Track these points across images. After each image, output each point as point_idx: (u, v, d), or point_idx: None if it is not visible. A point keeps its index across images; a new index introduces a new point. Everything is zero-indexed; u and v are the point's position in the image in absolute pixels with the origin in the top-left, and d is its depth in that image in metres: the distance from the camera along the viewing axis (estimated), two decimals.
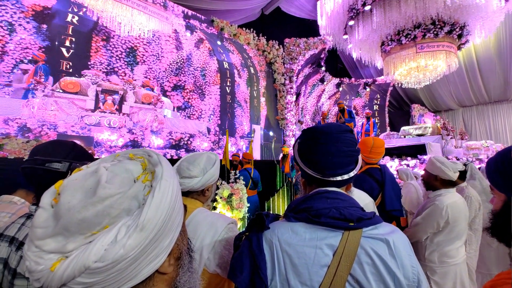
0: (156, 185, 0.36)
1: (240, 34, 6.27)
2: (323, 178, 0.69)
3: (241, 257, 0.65)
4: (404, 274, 0.58)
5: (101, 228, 0.32)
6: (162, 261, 0.37)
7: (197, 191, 1.00)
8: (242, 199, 3.12)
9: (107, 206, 0.33)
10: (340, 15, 7.19)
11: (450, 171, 1.62)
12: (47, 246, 0.32)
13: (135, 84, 5.34)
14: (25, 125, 4.01)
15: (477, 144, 6.74)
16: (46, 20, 4.44)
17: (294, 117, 7.42)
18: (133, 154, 0.41)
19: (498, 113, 11.65)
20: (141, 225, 0.33)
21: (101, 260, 0.30)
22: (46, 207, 0.34)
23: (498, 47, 9.14)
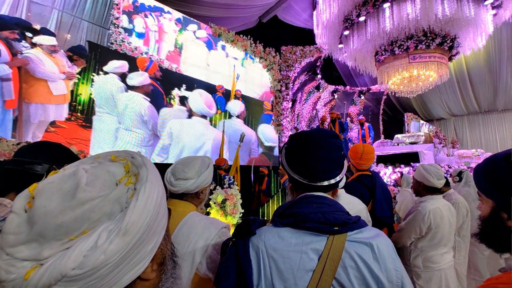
0: (141, 188, 0.35)
1: (238, 40, 6.34)
2: (309, 183, 0.70)
3: (227, 263, 0.65)
4: (387, 278, 0.59)
5: (79, 234, 0.30)
6: (144, 266, 0.35)
7: (192, 193, 1.01)
8: (236, 204, 3.10)
9: (87, 210, 0.31)
10: (336, 25, 7.36)
11: (434, 178, 1.66)
12: (20, 254, 0.29)
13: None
14: None
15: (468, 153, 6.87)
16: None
17: (290, 124, 7.48)
18: (115, 156, 0.39)
19: (489, 122, 11.93)
20: (124, 229, 0.31)
21: (79, 267, 0.29)
22: (19, 211, 0.32)
23: (487, 59, 9.44)
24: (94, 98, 4.61)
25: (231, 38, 6.20)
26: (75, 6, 4.46)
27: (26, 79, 3.96)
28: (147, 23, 5.78)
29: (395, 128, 11.12)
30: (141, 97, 5.37)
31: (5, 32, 3.82)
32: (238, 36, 6.40)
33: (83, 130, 4.41)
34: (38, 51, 4.11)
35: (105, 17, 4.76)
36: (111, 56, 4.81)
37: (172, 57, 6.14)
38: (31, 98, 4.01)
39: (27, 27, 4.05)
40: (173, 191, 0.98)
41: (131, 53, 5.08)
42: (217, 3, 6.59)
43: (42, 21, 4.16)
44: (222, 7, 6.83)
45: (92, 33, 4.62)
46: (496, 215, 0.62)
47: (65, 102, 4.31)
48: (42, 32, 4.15)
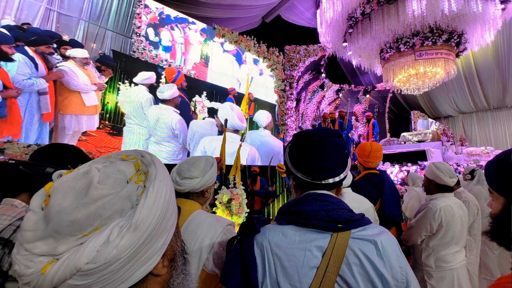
0: (150, 185, 0.36)
1: (241, 41, 6.36)
2: (312, 181, 0.71)
3: (231, 261, 0.66)
4: (392, 275, 0.59)
5: (93, 230, 0.32)
6: (155, 262, 0.37)
7: (197, 192, 1.03)
8: (241, 204, 3.11)
9: (99, 207, 0.32)
10: (340, 23, 7.31)
11: (446, 176, 1.64)
12: (37, 249, 0.31)
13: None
14: None
15: (477, 150, 6.73)
16: None
17: (295, 123, 7.45)
18: (126, 155, 0.41)
19: (498, 120, 11.67)
20: (134, 225, 0.32)
21: (93, 261, 0.30)
22: (36, 209, 0.34)
23: (496, 54, 9.23)
24: (124, 109, 4.76)
25: (235, 38, 6.22)
26: (100, 16, 4.63)
27: (60, 91, 4.14)
28: (173, 36, 5.88)
29: (401, 126, 10.97)
30: (172, 110, 5.45)
31: (42, 47, 4.01)
32: (242, 36, 6.42)
33: (111, 138, 4.55)
34: (71, 64, 4.28)
35: (127, 27, 4.95)
36: (135, 64, 4.96)
37: (198, 68, 6.21)
38: (65, 110, 4.18)
39: (59, 40, 4.24)
40: (179, 190, 1.01)
41: (152, 61, 5.24)
42: (220, 4, 6.61)
43: (70, 32, 4.33)
44: (225, 8, 6.85)
45: (115, 43, 4.79)
46: (507, 212, 0.61)
47: (96, 113, 4.48)
48: (71, 44, 4.32)
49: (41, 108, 3.96)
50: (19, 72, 3.77)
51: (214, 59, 6.40)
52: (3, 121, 3.61)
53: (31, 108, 3.88)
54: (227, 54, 6.57)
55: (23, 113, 3.78)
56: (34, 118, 3.90)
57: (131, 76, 4.88)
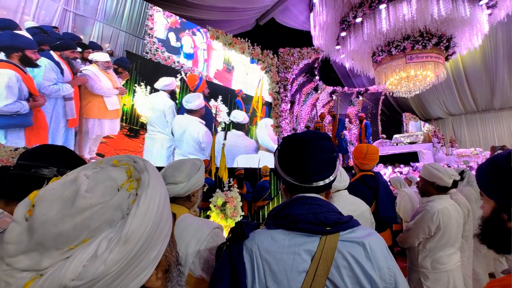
0: (142, 193, 0.34)
1: (235, 43, 6.36)
2: (301, 185, 0.70)
3: (221, 267, 0.65)
4: (380, 276, 0.58)
5: (79, 243, 0.30)
6: (149, 275, 0.34)
7: (183, 196, 1.01)
8: (236, 207, 3.08)
9: (86, 218, 0.30)
10: (333, 27, 7.40)
11: (446, 177, 1.65)
12: (20, 264, 0.29)
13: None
14: None
15: (467, 152, 6.89)
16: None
17: (289, 125, 7.48)
18: (117, 160, 0.39)
19: (486, 121, 11.99)
20: (124, 238, 0.30)
21: (79, 277, 0.27)
22: (19, 220, 0.31)
23: (483, 58, 9.50)
24: (145, 114, 4.76)
25: (229, 40, 6.21)
26: (114, 17, 4.62)
27: (84, 96, 4.13)
28: (195, 41, 5.77)
29: (393, 128, 11.14)
30: (198, 121, 5.39)
31: (66, 51, 3.99)
32: (236, 38, 6.42)
33: (129, 140, 4.54)
34: (94, 68, 4.26)
35: (139, 28, 4.94)
36: (150, 65, 4.95)
37: (220, 74, 6.10)
38: (89, 114, 4.17)
39: (79, 43, 4.22)
40: None
41: (164, 62, 5.23)
42: (214, 7, 6.61)
43: (86, 33, 4.30)
44: (219, 10, 6.85)
45: (128, 43, 4.78)
46: (497, 216, 0.61)
47: (118, 117, 4.48)
48: (91, 46, 4.29)
49: (67, 114, 3.94)
50: (45, 77, 3.73)
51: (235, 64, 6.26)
52: (30, 129, 3.57)
53: (57, 114, 3.85)
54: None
55: (49, 120, 3.75)
56: (60, 124, 3.88)
57: (146, 78, 4.86)
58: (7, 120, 3.37)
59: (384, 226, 1.75)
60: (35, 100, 3.57)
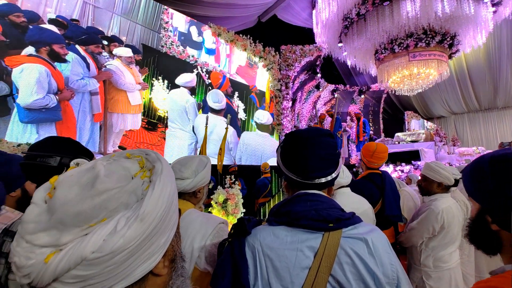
0: (156, 179, 0.36)
1: (237, 40, 6.33)
2: (303, 181, 0.70)
3: (223, 263, 0.65)
4: (383, 272, 0.59)
5: (98, 221, 0.31)
6: (157, 261, 0.36)
7: (189, 192, 1.03)
8: (237, 204, 3.09)
9: (104, 200, 0.32)
10: (335, 24, 7.34)
11: (451, 175, 1.65)
12: (39, 240, 0.30)
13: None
14: None
15: (469, 151, 6.86)
16: None
17: (290, 123, 7.46)
18: (130, 153, 0.41)
19: (489, 120, 11.93)
20: (141, 216, 0.32)
21: (99, 250, 0.29)
22: (39, 202, 0.33)
23: (487, 56, 9.43)
24: (165, 111, 4.79)
25: (231, 37, 6.19)
26: (131, 10, 4.62)
27: (109, 91, 4.17)
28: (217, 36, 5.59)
29: (395, 126, 11.10)
30: (224, 121, 5.34)
31: (91, 46, 4.00)
32: (238, 35, 6.39)
33: (148, 133, 4.60)
34: (118, 63, 4.30)
35: (154, 21, 4.94)
36: (167, 60, 4.98)
37: (242, 70, 5.97)
38: (113, 109, 4.22)
39: (105, 37, 4.23)
40: None
41: (179, 56, 5.23)
42: (216, 3, 6.57)
43: (104, 26, 4.30)
44: (221, 7, 6.81)
45: (144, 37, 4.79)
46: (482, 217, 0.61)
47: (140, 112, 4.52)
48: (113, 40, 4.31)
49: (93, 108, 3.97)
50: (73, 72, 3.76)
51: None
52: (60, 123, 3.62)
53: (84, 109, 3.89)
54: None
55: (76, 114, 3.79)
56: (86, 119, 3.92)
57: (164, 72, 4.88)
58: (37, 114, 3.42)
59: (389, 224, 1.76)
60: (63, 95, 3.63)
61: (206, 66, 5.63)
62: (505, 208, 0.54)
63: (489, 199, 0.58)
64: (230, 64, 5.99)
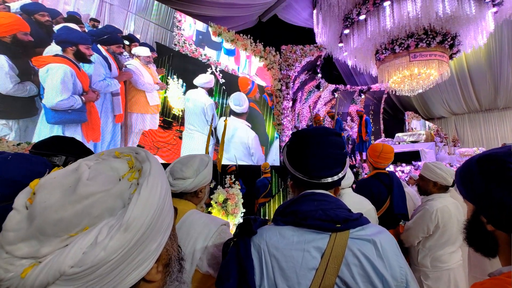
0: (143, 181, 0.33)
1: (238, 40, 6.32)
2: (309, 180, 0.69)
3: (228, 263, 0.64)
4: (392, 275, 0.58)
5: (80, 230, 0.29)
6: (149, 267, 0.34)
7: (190, 192, 1.01)
8: (237, 204, 3.08)
9: (87, 206, 0.30)
10: (336, 24, 7.34)
11: (449, 176, 1.64)
12: (19, 251, 0.28)
13: None
14: None
15: (469, 151, 6.85)
16: None
17: (291, 123, 7.45)
18: (119, 152, 0.39)
19: (489, 121, 11.91)
20: (125, 225, 0.29)
21: (78, 264, 0.27)
22: (20, 208, 0.31)
23: (488, 57, 9.41)
24: (184, 113, 4.78)
25: (231, 37, 6.18)
26: (145, 8, 4.62)
27: (128, 90, 4.16)
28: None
29: (396, 126, 11.09)
30: (246, 124, 5.24)
31: (113, 46, 3.96)
32: (238, 35, 6.39)
33: (163, 132, 4.59)
34: (137, 62, 4.26)
35: (167, 19, 4.95)
36: (182, 59, 4.97)
37: (262, 71, 5.84)
38: (132, 109, 4.20)
39: (125, 36, 4.20)
40: (171, 190, 0.98)
41: (191, 55, 5.21)
42: (216, 3, 6.56)
43: (121, 25, 4.29)
44: (221, 7, 6.80)
45: (157, 35, 4.78)
46: (476, 218, 0.61)
47: (158, 112, 4.50)
48: (134, 39, 4.30)
49: (114, 109, 3.95)
50: (95, 73, 3.73)
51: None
52: (86, 125, 3.60)
53: (106, 110, 3.86)
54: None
55: (99, 115, 3.78)
56: (108, 120, 3.89)
57: (179, 71, 4.87)
58: (63, 115, 3.40)
59: (396, 223, 1.78)
60: (88, 96, 3.60)
61: (218, 65, 5.60)
62: (497, 208, 0.54)
63: (480, 199, 0.58)
64: (250, 65, 5.90)
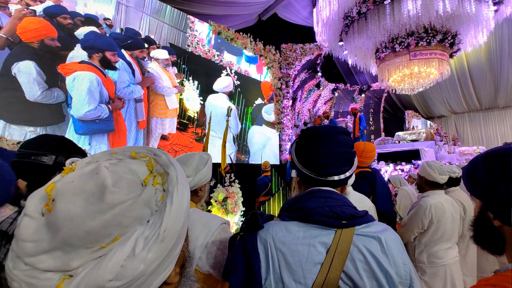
0: (174, 190, 0.32)
1: (237, 38, 6.31)
2: (317, 178, 0.70)
3: (235, 257, 0.65)
4: (396, 271, 0.59)
5: (111, 241, 0.28)
6: (170, 271, 0.34)
7: (190, 191, 1.01)
8: (237, 202, 3.09)
9: (117, 215, 0.28)
10: (336, 22, 7.31)
11: (435, 173, 1.67)
12: (42, 264, 0.26)
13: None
14: None
15: (469, 150, 6.85)
16: None
17: (290, 122, 7.45)
18: (136, 152, 0.36)
19: (490, 120, 11.90)
20: (162, 236, 0.29)
21: (117, 277, 0.26)
22: (35, 215, 0.28)
23: (488, 55, 9.39)
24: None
25: (231, 36, 6.17)
26: (159, 10, 4.61)
27: (149, 95, 4.12)
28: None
29: (396, 125, 11.08)
30: (276, 133, 5.14)
31: (136, 51, 3.89)
32: (238, 34, 6.38)
33: (180, 134, 4.55)
34: (156, 66, 4.17)
35: (180, 20, 4.96)
36: (195, 60, 4.95)
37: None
38: (152, 113, 4.14)
39: (145, 39, 4.14)
40: None
41: (205, 56, 5.19)
42: (216, 1, 6.54)
43: (136, 26, 4.26)
44: (221, 5, 6.79)
45: (170, 37, 4.77)
46: (483, 214, 0.62)
47: (176, 115, 4.44)
48: (151, 42, 4.25)
49: (137, 115, 3.88)
50: (120, 79, 3.63)
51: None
52: (112, 134, 3.52)
53: (130, 117, 3.79)
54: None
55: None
56: (132, 126, 3.82)
57: (193, 73, 4.83)
58: (91, 125, 3.31)
59: (383, 220, 1.79)
60: (115, 104, 3.52)
61: (231, 66, 5.55)
62: (503, 202, 0.55)
63: (486, 195, 0.59)
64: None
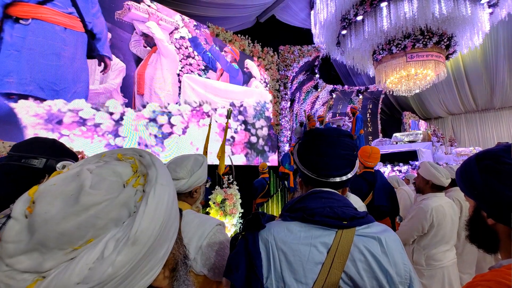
0: (150, 190, 0.32)
1: (235, 40, 6.33)
2: (318, 179, 0.71)
3: (237, 255, 0.66)
4: (396, 271, 0.60)
5: (84, 242, 0.28)
6: (156, 274, 0.32)
7: (185, 192, 1.01)
8: (235, 204, 3.08)
9: (91, 216, 0.28)
10: (333, 25, 7.37)
11: (443, 177, 1.65)
12: (20, 265, 0.27)
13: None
14: None
15: (466, 151, 6.90)
16: None
17: (289, 123, 7.47)
18: (122, 154, 0.36)
19: (486, 121, 12.00)
20: (133, 238, 0.28)
21: (85, 281, 0.26)
22: (19, 217, 0.29)
23: (484, 57, 9.49)
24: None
25: (229, 37, 6.18)
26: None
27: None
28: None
29: (393, 127, 11.14)
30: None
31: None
32: (236, 35, 6.39)
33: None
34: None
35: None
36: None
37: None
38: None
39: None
40: None
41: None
42: (214, 3, 6.56)
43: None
44: (219, 7, 6.81)
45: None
46: (478, 214, 0.63)
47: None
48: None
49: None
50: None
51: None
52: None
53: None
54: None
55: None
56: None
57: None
58: None
59: (379, 216, 1.87)
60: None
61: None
62: (495, 200, 0.57)
63: (480, 194, 0.60)
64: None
